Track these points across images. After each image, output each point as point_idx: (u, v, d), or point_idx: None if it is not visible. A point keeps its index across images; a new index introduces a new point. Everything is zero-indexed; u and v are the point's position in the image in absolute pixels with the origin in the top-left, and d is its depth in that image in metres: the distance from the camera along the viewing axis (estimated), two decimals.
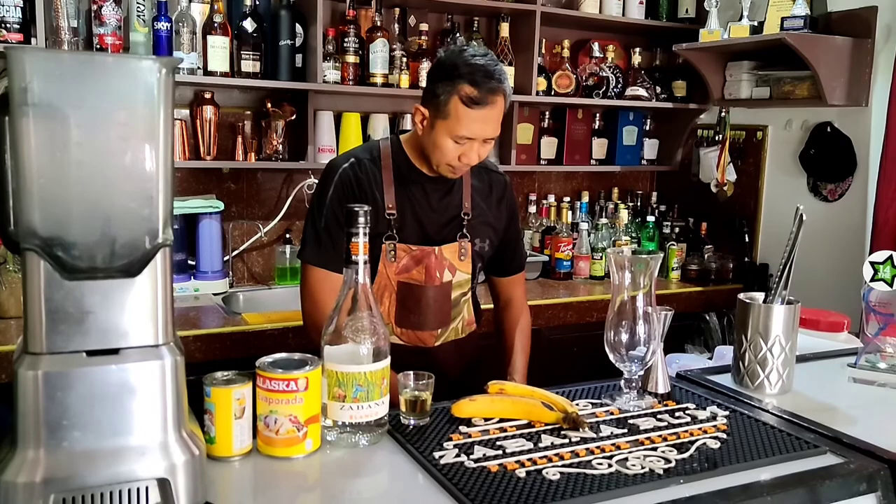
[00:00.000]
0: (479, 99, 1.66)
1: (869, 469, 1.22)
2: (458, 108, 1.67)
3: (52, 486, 0.91)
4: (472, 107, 1.67)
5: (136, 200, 0.94)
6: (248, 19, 2.79)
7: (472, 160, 1.74)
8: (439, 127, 1.71)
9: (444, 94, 1.69)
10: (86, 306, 0.93)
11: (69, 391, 0.92)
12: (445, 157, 1.73)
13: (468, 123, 1.68)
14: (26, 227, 0.90)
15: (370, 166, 1.82)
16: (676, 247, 3.52)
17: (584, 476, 1.14)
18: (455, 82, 1.67)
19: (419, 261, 1.82)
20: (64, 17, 2.52)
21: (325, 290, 1.76)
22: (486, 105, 1.67)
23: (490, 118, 1.70)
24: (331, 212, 1.78)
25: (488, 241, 1.92)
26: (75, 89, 0.90)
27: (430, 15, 3.33)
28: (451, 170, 1.77)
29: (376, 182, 1.80)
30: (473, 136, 1.70)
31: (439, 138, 1.72)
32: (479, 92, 1.66)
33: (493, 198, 1.95)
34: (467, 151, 1.72)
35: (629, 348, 1.41)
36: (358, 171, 1.80)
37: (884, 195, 2.87)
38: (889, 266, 1.60)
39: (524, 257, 2.13)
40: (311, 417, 1.22)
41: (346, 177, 1.80)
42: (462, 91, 1.66)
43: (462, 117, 1.68)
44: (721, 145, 3.52)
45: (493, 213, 1.94)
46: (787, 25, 2.97)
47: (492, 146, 1.79)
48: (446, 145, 1.71)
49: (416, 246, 1.82)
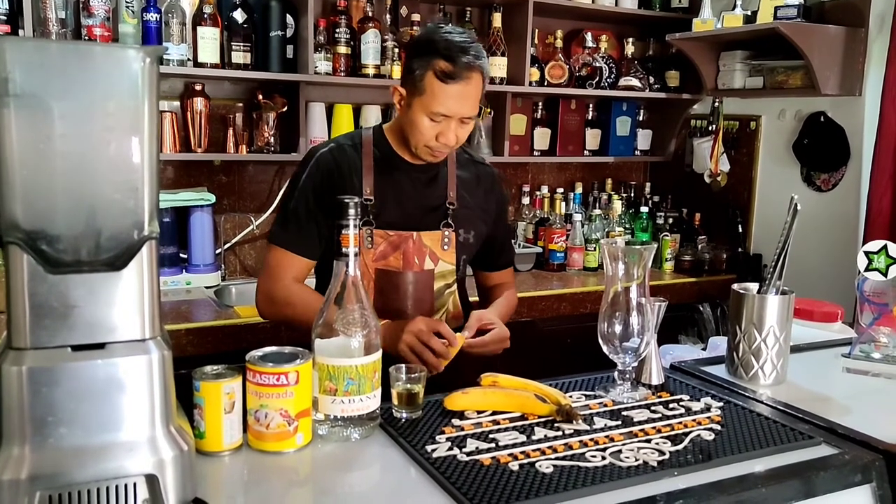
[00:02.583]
0: (453, 73, 1.64)
1: (863, 460, 1.22)
2: (434, 84, 1.66)
3: (38, 483, 0.89)
4: (447, 82, 1.65)
5: (121, 192, 0.93)
6: (238, 10, 2.77)
7: (450, 140, 1.72)
8: (416, 105, 1.70)
9: (419, 70, 1.67)
10: (71, 300, 0.91)
11: (54, 387, 0.90)
12: (423, 136, 1.71)
13: (444, 99, 1.66)
14: (9, 220, 0.88)
15: (350, 152, 1.81)
16: (670, 237, 3.52)
17: (578, 469, 1.13)
18: (430, 58, 1.66)
19: (396, 246, 1.81)
20: (52, 8, 2.49)
21: (284, 268, 1.78)
22: (462, 80, 1.65)
23: (466, 95, 1.68)
24: (302, 195, 1.78)
25: (474, 233, 1.90)
26: (58, 79, 0.88)
27: (422, 5, 3.31)
28: (430, 152, 1.75)
29: (355, 168, 1.79)
30: (449, 114, 1.68)
31: (416, 116, 1.70)
32: (453, 67, 1.64)
33: (480, 189, 1.93)
34: (444, 131, 1.70)
35: (623, 340, 1.41)
36: (336, 156, 1.80)
37: (877, 185, 2.87)
38: (883, 256, 1.60)
39: (512, 251, 2.10)
40: (302, 411, 1.21)
41: (324, 161, 1.80)
42: (437, 66, 1.65)
43: (437, 93, 1.66)
44: (714, 135, 3.51)
45: (480, 205, 1.93)
46: (780, 14, 2.96)
47: (471, 128, 1.76)
48: (423, 124, 1.70)
49: (394, 231, 1.80)
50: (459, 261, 1.89)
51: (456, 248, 1.86)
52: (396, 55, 3.07)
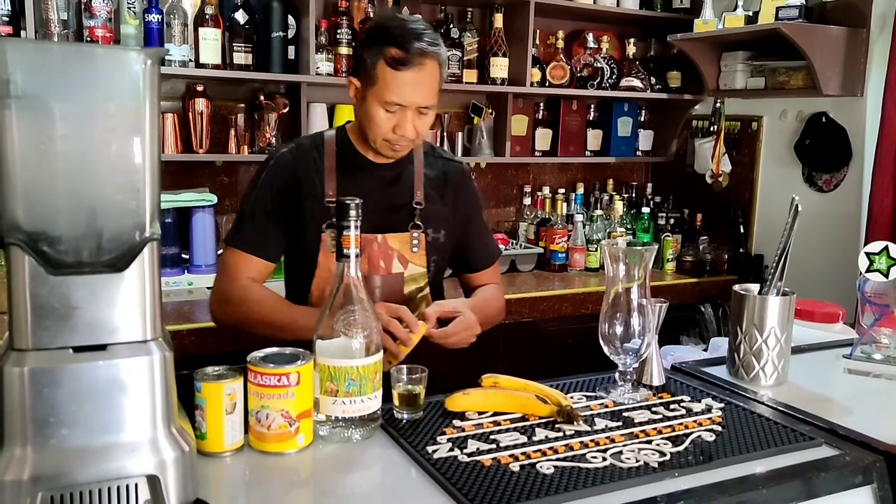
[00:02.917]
0: (404, 59, 1.59)
1: (864, 461, 1.22)
2: (385, 72, 1.60)
3: (40, 484, 0.89)
4: (399, 68, 1.59)
5: (122, 193, 0.93)
6: (239, 11, 2.77)
7: (408, 132, 1.65)
8: (370, 96, 1.64)
9: (370, 59, 1.62)
10: (72, 301, 0.91)
11: (56, 388, 0.90)
12: (380, 129, 1.65)
13: (396, 87, 1.60)
14: (10, 221, 0.88)
15: (312, 153, 1.75)
16: (671, 238, 3.52)
17: (579, 469, 1.13)
18: (381, 46, 1.61)
19: (361, 249, 1.74)
20: (54, 9, 2.50)
21: (240, 269, 1.73)
22: (414, 66, 1.60)
23: (420, 82, 1.62)
24: (260, 196, 1.74)
25: (444, 233, 1.83)
26: (60, 81, 0.89)
27: (424, 6, 3.31)
28: (389, 146, 1.68)
29: (316, 169, 1.74)
30: (404, 102, 1.62)
31: (371, 108, 1.64)
32: (405, 53, 1.59)
33: (448, 187, 1.85)
34: (401, 122, 1.64)
35: (624, 340, 1.40)
36: (296, 157, 1.75)
37: (879, 185, 2.87)
38: (884, 257, 1.60)
39: (495, 250, 2.01)
40: (304, 412, 1.21)
41: (283, 162, 1.75)
42: (388, 53, 1.59)
43: (389, 81, 1.60)
44: (716, 136, 3.51)
45: (450, 204, 1.85)
46: (781, 15, 2.96)
47: (430, 120, 1.70)
48: (378, 115, 1.64)
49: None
50: (430, 262, 1.81)
51: (426, 250, 1.79)
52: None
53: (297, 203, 1.73)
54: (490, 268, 1.97)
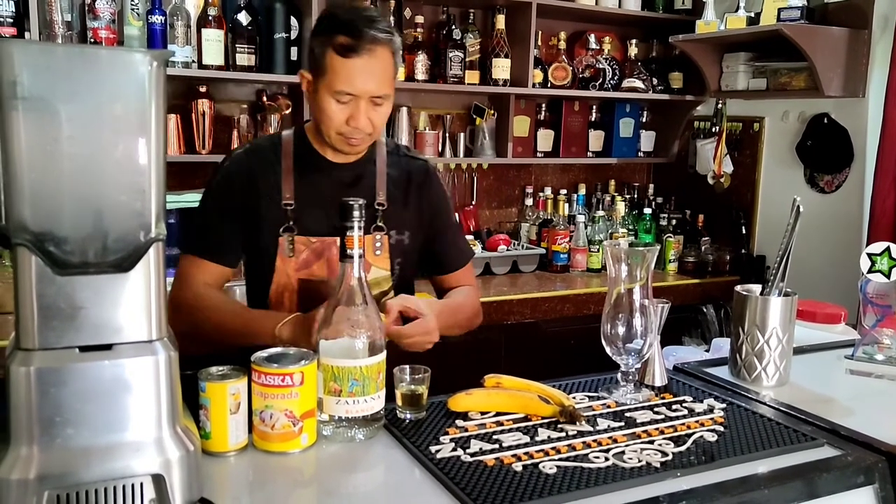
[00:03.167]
0: (353, 46, 1.52)
1: (866, 461, 1.22)
2: (334, 60, 1.54)
3: (46, 483, 0.90)
4: (348, 55, 1.53)
5: (128, 194, 0.93)
6: (242, 12, 2.78)
7: (362, 124, 1.58)
8: (321, 88, 1.58)
9: (319, 48, 1.56)
10: (78, 302, 0.92)
11: (62, 387, 0.91)
12: (332, 122, 1.59)
13: (346, 76, 1.54)
14: (17, 221, 0.89)
15: (268, 154, 1.69)
16: (673, 239, 3.52)
17: (581, 469, 1.14)
18: (330, 34, 1.55)
19: (320, 254, 1.67)
20: (57, 10, 2.50)
21: (195, 275, 1.66)
22: (363, 53, 1.53)
23: (371, 70, 1.55)
24: (211, 199, 1.69)
25: (409, 234, 1.76)
26: (66, 83, 0.89)
27: (426, 7, 3.32)
28: (345, 140, 1.62)
29: (273, 171, 1.67)
30: (354, 91, 1.55)
31: (322, 100, 1.58)
32: (353, 39, 1.53)
33: (412, 186, 1.78)
34: (354, 113, 1.57)
35: (626, 341, 1.41)
36: (252, 159, 1.69)
37: (881, 186, 2.87)
38: (886, 257, 1.60)
39: (467, 249, 1.92)
40: (307, 412, 1.21)
41: (237, 165, 1.69)
42: (336, 41, 1.53)
43: (338, 69, 1.54)
44: (718, 137, 3.52)
45: (415, 204, 1.77)
46: (783, 16, 2.96)
47: (386, 111, 1.63)
48: (330, 107, 1.57)
49: (317, 238, 1.66)
50: (395, 265, 1.75)
51: (390, 252, 1.73)
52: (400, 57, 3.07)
53: (254, 206, 1.67)
54: (462, 269, 1.88)
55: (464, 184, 3.60)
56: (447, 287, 1.88)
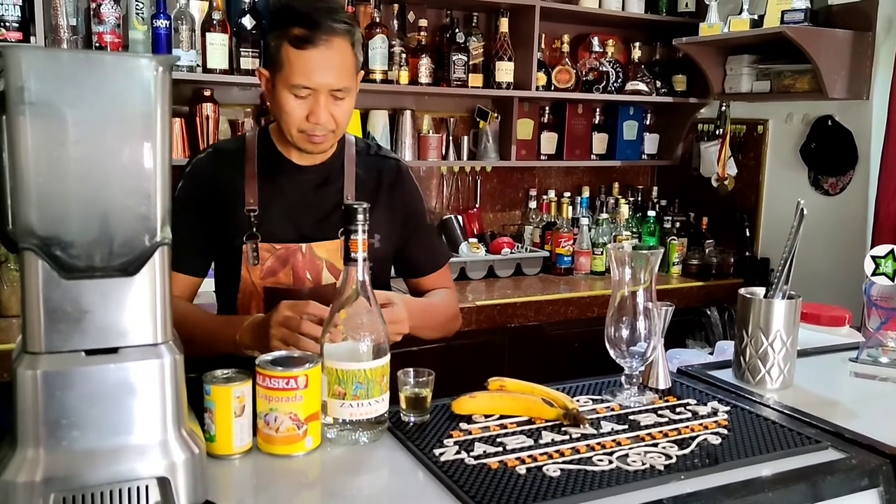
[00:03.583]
0: (307, 37, 1.47)
1: (871, 464, 1.22)
2: (289, 53, 1.49)
3: (52, 486, 0.90)
4: (304, 47, 1.48)
5: (133, 198, 0.94)
6: (246, 16, 2.79)
7: (323, 119, 1.53)
8: (278, 84, 1.53)
9: (274, 42, 1.52)
10: (84, 305, 0.92)
11: (68, 390, 0.91)
12: (292, 118, 1.53)
13: (302, 68, 1.49)
14: (24, 226, 0.90)
15: (231, 157, 1.64)
16: (677, 241, 3.52)
17: (585, 472, 1.14)
18: (285, 27, 1.50)
19: (285, 261, 1.61)
20: (63, 15, 2.52)
21: None
22: (319, 45, 1.48)
23: (328, 62, 1.50)
24: (179, 211, 1.58)
25: (379, 237, 1.68)
26: (72, 88, 0.90)
27: (429, 11, 3.33)
28: (307, 138, 1.56)
29: (237, 174, 1.62)
30: (312, 85, 1.50)
31: (280, 96, 1.53)
32: (308, 30, 1.47)
33: (383, 186, 1.72)
34: (314, 108, 1.52)
35: (630, 344, 1.41)
36: (214, 163, 1.65)
37: (885, 189, 2.87)
38: (890, 260, 1.60)
39: (443, 252, 1.87)
40: (311, 415, 1.22)
41: (199, 168, 1.65)
42: (291, 33, 1.48)
43: (294, 62, 1.49)
44: (722, 139, 3.52)
45: (384, 204, 1.70)
46: (787, 19, 2.97)
47: (348, 106, 1.57)
48: (288, 102, 1.52)
49: (281, 244, 1.61)
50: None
51: None
52: (404, 60, 3.09)
53: (219, 212, 1.63)
54: (438, 272, 1.82)
55: (467, 187, 3.60)
56: (423, 290, 1.83)
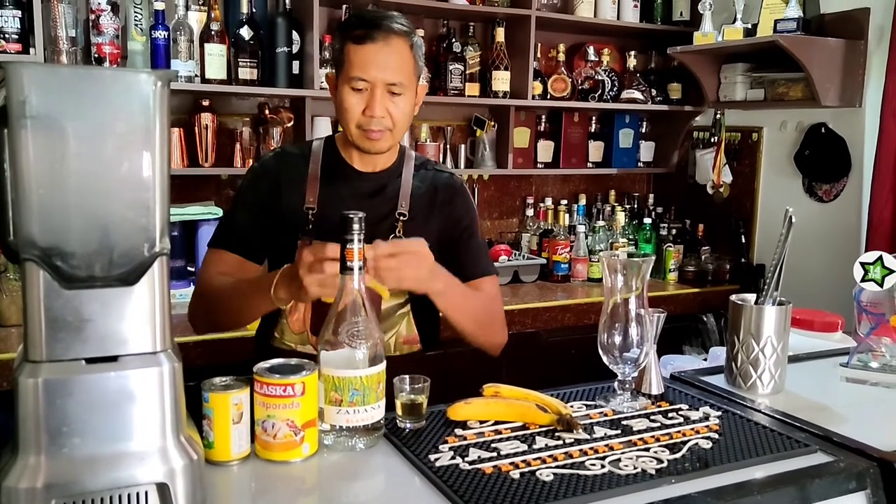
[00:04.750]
0: (367, 34, 1.58)
1: (858, 467, 1.24)
2: (350, 49, 1.60)
3: (54, 492, 0.92)
4: (363, 42, 1.58)
5: (133, 210, 0.96)
6: (244, 27, 2.81)
7: (378, 112, 1.60)
8: (340, 82, 1.64)
9: (338, 44, 1.64)
10: (85, 315, 0.94)
11: (69, 398, 0.93)
12: (351, 114, 1.62)
13: (360, 63, 1.59)
14: (26, 237, 0.91)
15: (296, 160, 1.75)
16: (673, 248, 3.54)
17: (577, 477, 1.16)
18: (348, 30, 1.62)
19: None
20: (62, 26, 2.54)
21: (211, 265, 1.72)
22: (377, 40, 1.58)
23: (385, 57, 1.59)
24: (240, 199, 1.76)
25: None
26: (73, 102, 0.92)
27: (426, 20, 3.35)
28: (364, 135, 1.63)
29: (299, 176, 1.72)
30: (368, 77, 1.59)
31: (341, 93, 1.63)
32: (368, 29, 1.59)
33: (437, 200, 1.78)
34: (370, 102, 1.60)
35: (622, 350, 1.43)
36: (280, 163, 1.75)
37: (878, 196, 2.89)
38: (879, 266, 1.62)
39: (488, 262, 1.86)
40: (309, 422, 1.23)
41: (266, 167, 1.76)
42: (352, 33, 1.60)
43: (353, 57, 1.59)
44: (717, 147, 3.54)
45: (438, 218, 1.76)
46: (780, 27, 2.99)
47: (405, 105, 1.65)
48: (347, 98, 1.61)
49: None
50: None
51: None
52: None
53: (278, 207, 1.72)
54: (480, 280, 1.79)
55: None
56: None
